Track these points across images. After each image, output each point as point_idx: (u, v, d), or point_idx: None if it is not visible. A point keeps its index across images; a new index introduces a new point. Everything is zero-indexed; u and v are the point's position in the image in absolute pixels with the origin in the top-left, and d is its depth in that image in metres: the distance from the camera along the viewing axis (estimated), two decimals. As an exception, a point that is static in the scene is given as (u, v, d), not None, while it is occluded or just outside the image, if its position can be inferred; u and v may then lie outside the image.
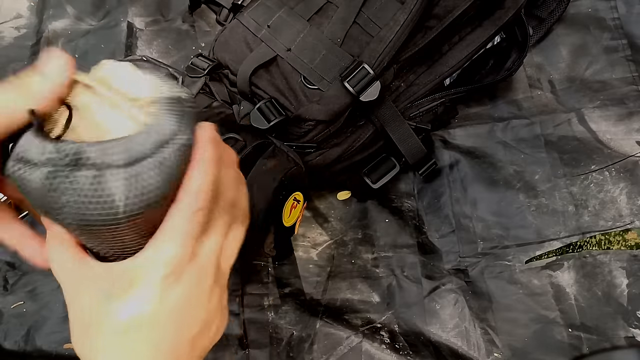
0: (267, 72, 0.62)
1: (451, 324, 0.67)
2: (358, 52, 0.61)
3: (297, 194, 0.63)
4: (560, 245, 0.69)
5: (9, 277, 0.73)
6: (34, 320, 0.71)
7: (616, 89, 0.76)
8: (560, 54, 0.79)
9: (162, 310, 0.29)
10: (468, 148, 0.75)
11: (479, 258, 0.70)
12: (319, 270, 0.71)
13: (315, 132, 0.62)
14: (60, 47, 0.87)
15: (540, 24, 0.78)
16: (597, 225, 0.70)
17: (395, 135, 0.66)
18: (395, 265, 0.71)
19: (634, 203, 0.70)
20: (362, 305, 0.69)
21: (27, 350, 0.69)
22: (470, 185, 0.73)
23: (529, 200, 0.71)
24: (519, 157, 0.74)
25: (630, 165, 0.72)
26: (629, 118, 0.74)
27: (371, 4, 0.62)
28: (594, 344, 0.65)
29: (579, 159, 0.73)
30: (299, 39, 0.62)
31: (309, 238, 0.74)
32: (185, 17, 0.87)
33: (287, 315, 0.69)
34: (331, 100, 0.60)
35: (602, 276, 0.67)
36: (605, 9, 0.80)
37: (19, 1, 0.90)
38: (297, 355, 0.67)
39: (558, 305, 0.67)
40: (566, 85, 0.77)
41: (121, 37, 0.86)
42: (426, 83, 0.68)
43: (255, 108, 0.60)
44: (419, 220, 0.73)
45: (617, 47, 0.78)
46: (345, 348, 0.67)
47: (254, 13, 0.64)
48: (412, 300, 0.69)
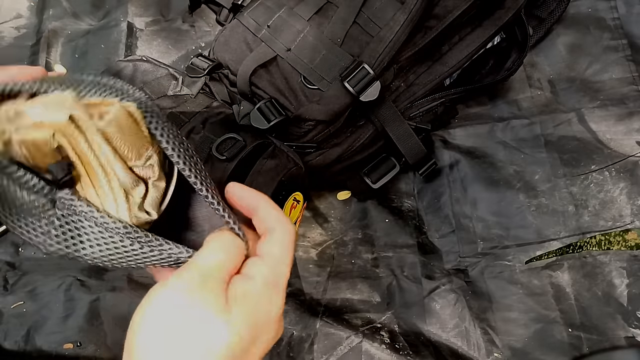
0: (267, 72, 0.62)
1: (451, 324, 0.67)
2: (358, 52, 0.61)
3: (297, 194, 0.63)
4: (560, 245, 0.69)
5: (9, 277, 0.73)
6: (34, 320, 0.71)
7: (616, 89, 0.76)
8: (560, 54, 0.79)
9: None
10: (468, 148, 0.75)
11: (479, 258, 0.70)
12: (319, 270, 0.71)
13: (315, 132, 0.62)
14: (61, 47, 0.87)
15: (540, 24, 0.78)
16: (597, 225, 0.70)
17: (395, 135, 0.66)
18: (395, 265, 0.71)
19: (634, 203, 0.70)
20: (362, 305, 0.69)
21: (27, 350, 0.69)
22: (470, 185, 0.73)
23: (529, 200, 0.71)
24: (519, 157, 0.73)
25: (630, 165, 0.72)
26: (629, 118, 0.74)
27: (371, 4, 0.62)
28: (594, 344, 0.65)
29: (579, 159, 0.73)
30: (299, 39, 0.62)
31: (309, 238, 0.74)
32: (185, 17, 0.87)
33: (287, 315, 0.69)
34: (331, 100, 0.60)
35: (602, 276, 0.67)
36: (605, 9, 0.80)
37: (19, 1, 0.90)
38: (297, 355, 0.67)
39: (558, 305, 0.67)
40: (566, 85, 0.77)
41: (121, 37, 0.86)
42: (426, 83, 0.68)
43: (255, 108, 0.60)
44: (419, 220, 0.73)
45: (617, 47, 0.78)
46: (345, 348, 0.67)
47: (254, 13, 0.64)
48: (412, 300, 0.69)
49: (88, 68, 0.85)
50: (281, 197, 0.61)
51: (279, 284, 0.31)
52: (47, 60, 0.86)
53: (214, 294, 0.29)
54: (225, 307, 0.29)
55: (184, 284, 0.29)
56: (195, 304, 0.28)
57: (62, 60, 0.86)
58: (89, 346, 0.69)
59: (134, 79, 0.70)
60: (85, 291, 0.71)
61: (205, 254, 0.30)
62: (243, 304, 0.29)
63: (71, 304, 0.71)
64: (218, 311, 0.28)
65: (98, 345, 0.69)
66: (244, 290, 0.30)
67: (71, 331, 0.69)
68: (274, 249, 0.32)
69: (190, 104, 0.65)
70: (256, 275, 0.31)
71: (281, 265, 0.32)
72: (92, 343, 0.69)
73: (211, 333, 0.28)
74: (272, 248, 0.32)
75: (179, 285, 0.29)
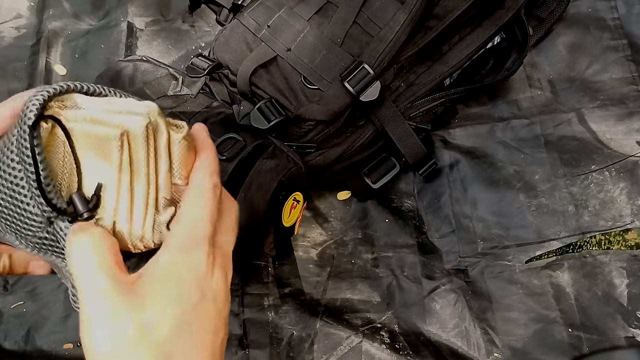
0: (267, 72, 0.62)
1: (451, 324, 0.67)
2: (358, 52, 0.61)
3: (296, 194, 0.63)
4: (560, 245, 0.69)
5: (9, 277, 0.73)
6: (34, 320, 0.71)
7: (616, 89, 0.76)
8: (560, 54, 0.79)
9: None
10: (468, 148, 0.75)
11: (479, 258, 0.70)
12: (319, 270, 0.71)
13: (315, 132, 0.62)
14: (61, 47, 0.87)
15: (540, 24, 0.78)
16: (597, 225, 0.70)
17: (395, 135, 0.66)
18: (395, 265, 0.71)
19: (634, 203, 0.70)
20: (362, 305, 0.69)
21: (27, 350, 0.69)
22: (470, 185, 0.73)
23: (529, 200, 0.71)
24: (519, 157, 0.73)
25: (630, 165, 0.72)
26: (629, 118, 0.74)
27: (371, 3, 0.62)
28: (594, 344, 0.65)
29: (579, 159, 0.73)
30: (299, 39, 0.62)
31: (309, 238, 0.74)
32: (185, 17, 0.87)
33: (287, 315, 0.69)
34: (331, 100, 0.60)
35: (602, 276, 0.67)
36: (605, 9, 0.80)
37: (19, 1, 0.90)
38: (297, 355, 0.67)
39: (558, 305, 0.67)
40: (566, 85, 0.77)
41: (121, 37, 0.86)
42: (426, 83, 0.68)
43: (255, 108, 0.60)
44: (419, 220, 0.73)
45: (617, 47, 0.78)
46: (345, 348, 0.67)
47: (254, 13, 0.64)
48: (412, 300, 0.69)
49: (88, 68, 0.85)
50: (281, 197, 0.61)
51: (199, 243, 0.28)
52: (47, 60, 0.86)
53: (114, 297, 0.26)
54: (134, 301, 0.26)
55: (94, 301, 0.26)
56: (108, 317, 0.26)
57: (62, 60, 0.86)
58: (89, 346, 0.69)
59: (134, 79, 0.70)
60: (85, 291, 0.71)
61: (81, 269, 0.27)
62: (162, 278, 0.27)
63: (71, 304, 0.71)
64: (128, 310, 0.26)
65: (98, 345, 0.68)
66: (162, 262, 0.27)
67: (71, 331, 0.69)
68: (187, 207, 0.29)
69: (190, 104, 0.65)
70: (169, 241, 0.28)
71: (197, 224, 0.28)
72: (92, 343, 0.69)
73: (142, 328, 0.26)
74: (185, 206, 0.29)
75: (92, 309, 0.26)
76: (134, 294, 0.26)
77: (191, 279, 0.28)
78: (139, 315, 0.26)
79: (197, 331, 0.28)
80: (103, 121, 0.27)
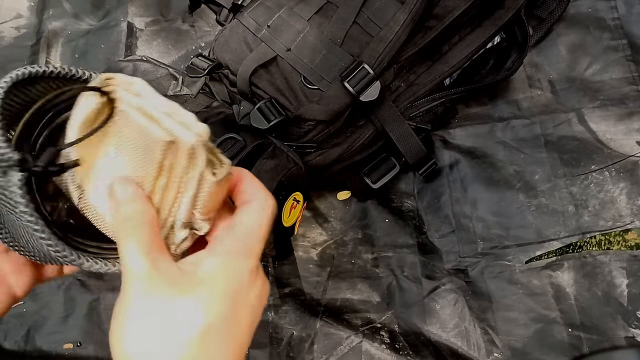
0: (267, 72, 0.62)
1: (451, 324, 0.67)
2: (358, 52, 0.61)
3: (296, 194, 0.63)
4: (560, 245, 0.69)
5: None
6: (34, 320, 0.71)
7: (616, 89, 0.76)
8: (560, 54, 0.79)
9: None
10: (468, 148, 0.75)
11: (479, 258, 0.70)
12: (319, 270, 0.71)
13: (315, 132, 0.62)
14: (61, 47, 0.87)
15: (540, 24, 0.78)
16: (597, 225, 0.70)
17: (395, 135, 0.66)
18: (395, 265, 0.71)
19: (634, 203, 0.70)
20: (362, 305, 0.69)
21: (27, 350, 0.69)
22: (470, 185, 0.73)
23: (529, 200, 0.71)
24: (519, 157, 0.73)
25: (630, 165, 0.72)
26: (629, 118, 0.74)
27: (371, 3, 0.62)
28: (594, 344, 0.65)
29: (579, 159, 0.73)
30: (299, 39, 0.62)
31: (309, 238, 0.74)
32: (185, 17, 0.87)
33: (287, 315, 0.69)
34: (331, 100, 0.60)
35: (602, 276, 0.67)
36: (605, 9, 0.80)
37: (19, 1, 0.90)
38: (297, 355, 0.67)
39: (558, 305, 0.67)
40: (566, 85, 0.77)
41: (121, 37, 0.86)
42: (426, 83, 0.68)
43: (255, 108, 0.60)
44: (419, 220, 0.73)
45: (617, 47, 0.78)
46: (345, 348, 0.67)
47: (254, 13, 0.64)
48: (412, 300, 0.69)
49: (88, 68, 0.85)
50: (281, 197, 0.61)
51: (250, 254, 0.30)
52: (47, 60, 0.86)
53: (167, 276, 0.27)
54: (187, 287, 0.27)
55: (139, 284, 0.27)
56: (155, 294, 0.27)
57: (62, 60, 0.86)
58: (89, 346, 0.69)
59: (134, 79, 0.70)
60: (85, 291, 0.71)
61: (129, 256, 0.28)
62: (208, 277, 0.28)
63: (71, 304, 0.71)
64: (180, 292, 0.27)
65: (98, 345, 0.69)
66: (208, 262, 0.29)
67: (71, 331, 0.69)
68: (246, 219, 0.30)
69: (190, 104, 0.65)
70: (218, 246, 0.30)
71: (251, 236, 0.30)
72: (92, 343, 0.69)
73: (178, 320, 0.27)
74: (244, 217, 0.30)
75: (134, 289, 0.28)
76: (177, 286, 0.27)
77: (235, 284, 0.29)
78: (178, 307, 0.27)
79: (229, 338, 0.28)
80: (158, 120, 0.27)
